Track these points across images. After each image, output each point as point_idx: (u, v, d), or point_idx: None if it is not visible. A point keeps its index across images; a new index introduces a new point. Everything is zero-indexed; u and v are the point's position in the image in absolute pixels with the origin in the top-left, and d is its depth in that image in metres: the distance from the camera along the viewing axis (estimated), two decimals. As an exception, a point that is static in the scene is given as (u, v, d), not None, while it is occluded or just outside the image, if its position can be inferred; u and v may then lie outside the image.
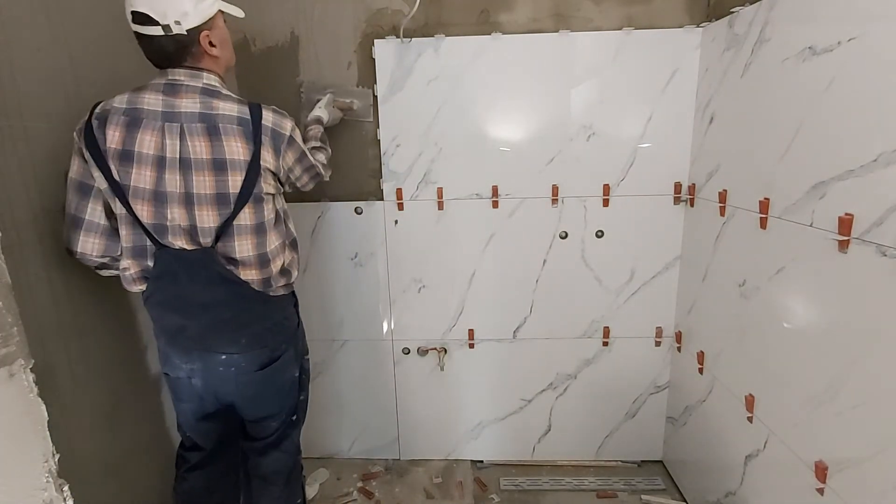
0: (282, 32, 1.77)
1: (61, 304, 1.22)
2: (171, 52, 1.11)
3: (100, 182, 1.12)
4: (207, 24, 1.14)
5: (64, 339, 1.24)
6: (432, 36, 1.73)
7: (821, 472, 1.13)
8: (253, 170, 1.15)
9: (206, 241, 1.16)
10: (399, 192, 1.87)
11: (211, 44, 1.15)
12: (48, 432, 0.64)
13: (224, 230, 1.17)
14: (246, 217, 1.18)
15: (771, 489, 1.35)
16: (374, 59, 1.76)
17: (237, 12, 1.24)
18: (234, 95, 1.18)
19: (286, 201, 1.37)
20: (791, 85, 1.23)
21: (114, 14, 1.19)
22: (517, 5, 1.72)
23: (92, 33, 1.35)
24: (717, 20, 1.58)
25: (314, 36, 1.77)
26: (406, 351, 2.03)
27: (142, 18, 1.06)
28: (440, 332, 2.00)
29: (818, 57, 1.13)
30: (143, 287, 1.21)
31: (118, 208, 1.14)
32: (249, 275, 1.22)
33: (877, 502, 1.00)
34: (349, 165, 1.87)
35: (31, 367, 0.62)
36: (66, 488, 0.66)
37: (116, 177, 1.10)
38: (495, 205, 1.86)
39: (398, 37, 1.72)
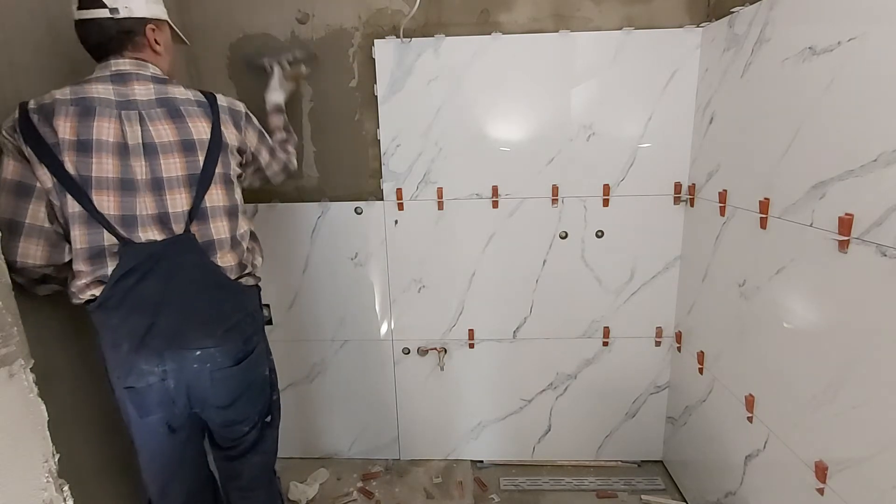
0: (282, 32, 1.77)
1: (61, 304, 1.22)
2: (113, 35, 1.09)
3: (44, 181, 1.02)
4: (155, 23, 1.16)
5: (64, 339, 1.24)
6: (432, 36, 1.73)
7: (821, 472, 1.13)
8: (216, 145, 1.17)
9: (179, 226, 1.12)
10: (399, 192, 1.87)
11: (156, 41, 1.16)
12: (48, 432, 0.64)
13: (197, 213, 1.14)
14: (219, 198, 1.18)
15: (771, 489, 1.35)
16: (373, 59, 1.76)
17: (185, 40, 1.31)
18: (183, 84, 1.20)
19: (280, 200, 1.39)
20: (791, 85, 1.23)
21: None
22: (517, 5, 1.72)
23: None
24: (717, 20, 1.58)
25: (314, 36, 1.77)
26: (406, 351, 2.03)
27: (89, 3, 1.07)
28: (440, 332, 2.00)
29: (818, 57, 1.13)
30: (97, 293, 1.09)
31: (70, 206, 1.04)
32: (226, 259, 1.21)
33: (877, 502, 1.00)
34: (349, 165, 1.87)
35: (31, 367, 0.62)
36: (66, 488, 0.66)
37: (72, 170, 1.02)
38: (495, 205, 1.86)
39: (398, 37, 1.72)
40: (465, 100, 1.77)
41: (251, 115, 1.30)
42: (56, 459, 0.65)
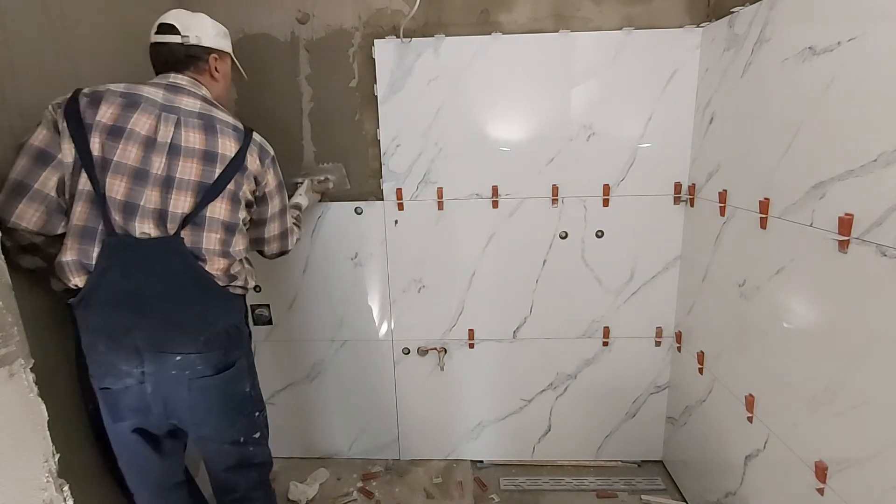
0: (282, 32, 1.77)
1: (61, 304, 1.22)
2: (180, 57, 1.22)
3: (66, 154, 1.06)
4: (218, 53, 1.28)
5: (64, 338, 1.24)
6: (432, 36, 1.73)
7: (821, 472, 1.13)
8: (236, 165, 1.20)
9: (173, 227, 1.13)
10: (399, 192, 1.87)
11: (216, 69, 1.28)
12: (48, 432, 0.64)
13: (193, 219, 1.14)
14: (221, 212, 1.18)
15: (771, 489, 1.35)
16: (373, 59, 1.76)
17: (244, 74, 1.44)
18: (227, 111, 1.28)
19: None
20: (791, 85, 1.23)
21: (114, 15, 1.20)
22: (517, 5, 1.72)
23: (92, 34, 1.35)
24: (717, 20, 1.58)
25: (314, 36, 1.77)
26: (406, 351, 2.03)
27: (166, 29, 1.21)
28: (440, 332, 2.00)
29: (818, 57, 1.13)
30: (79, 282, 1.10)
31: (82, 184, 1.07)
32: (215, 266, 1.19)
33: (877, 502, 1.00)
34: (349, 165, 1.87)
35: (31, 367, 0.62)
36: (66, 488, 0.66)
37: (97, 151, 1.07)
38: (495, 205, 1.86)
39: (398, 37, 1.72)
40: (465, 100, 1.77)
41: (278, 163, 1.34)
42: (56, 459, 0.65)
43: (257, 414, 1.36)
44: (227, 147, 1.19)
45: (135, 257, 1.11)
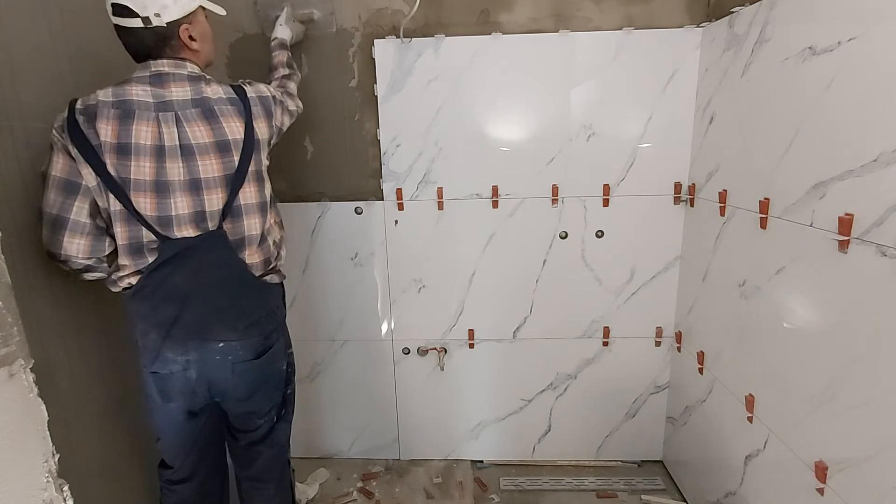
0: (282, 32, 1.77)
1: (61, 304, 1.22)
2: (151, 45, 1.11)
3: (88, 179, 1.08)
4: (188, 18, 1.14)
5: (64, 338, 1.24)
6: (432, 36, 1.73)
7: (821, 472, 1.13)
8: (249, 144, 1.19)
9: (213, 223, 1.17)
10: (399, 192, 1.87)
11: (191, 38, 1.15)
12: (48, 432, 0.64)
13: (230, 210, 1.18)
14: (252, 195, 1.21)
15: (771, 489, 1.35)
16: (374, 59, 1.76)
17: (219, 10, 1.23)
18: (215, 80, 1.21)
19: (280, 200, 1.37)
20: (791, 85, 1.23)
21: (114, 14, 1.19)
22: (517, 5, 1.72)
23: (92, 33, 1.35)
24: (717, 20, 1.58)
25: (314, 35, 1.77)
26: (406, 351, 2.03)
27: (121, 10, 1.07)
28: (440, 332, 2.00)
29: (818, 57, 1.13)
30: (133, 281, 1.16)
31: (112, 204, 1.10)
32: (254, 257, 1.24)
33: (877, 502, 1.00)
34: (349, 165, 1.87)
35: (31, 367, 0.62)
36: (66, 488, 0.66)
37: (113, 171, 1.07)
38: (495, 205, 1.86)
39: (398, 37, 1.72)
40: (465, 100, 1.77)
41: (275, 93, 1.30)
42: (56, 459, 0.65)
43: (288, 390, 1.43)
44: (234, 129, 1.17)
45: (183, 255, 1.16)
